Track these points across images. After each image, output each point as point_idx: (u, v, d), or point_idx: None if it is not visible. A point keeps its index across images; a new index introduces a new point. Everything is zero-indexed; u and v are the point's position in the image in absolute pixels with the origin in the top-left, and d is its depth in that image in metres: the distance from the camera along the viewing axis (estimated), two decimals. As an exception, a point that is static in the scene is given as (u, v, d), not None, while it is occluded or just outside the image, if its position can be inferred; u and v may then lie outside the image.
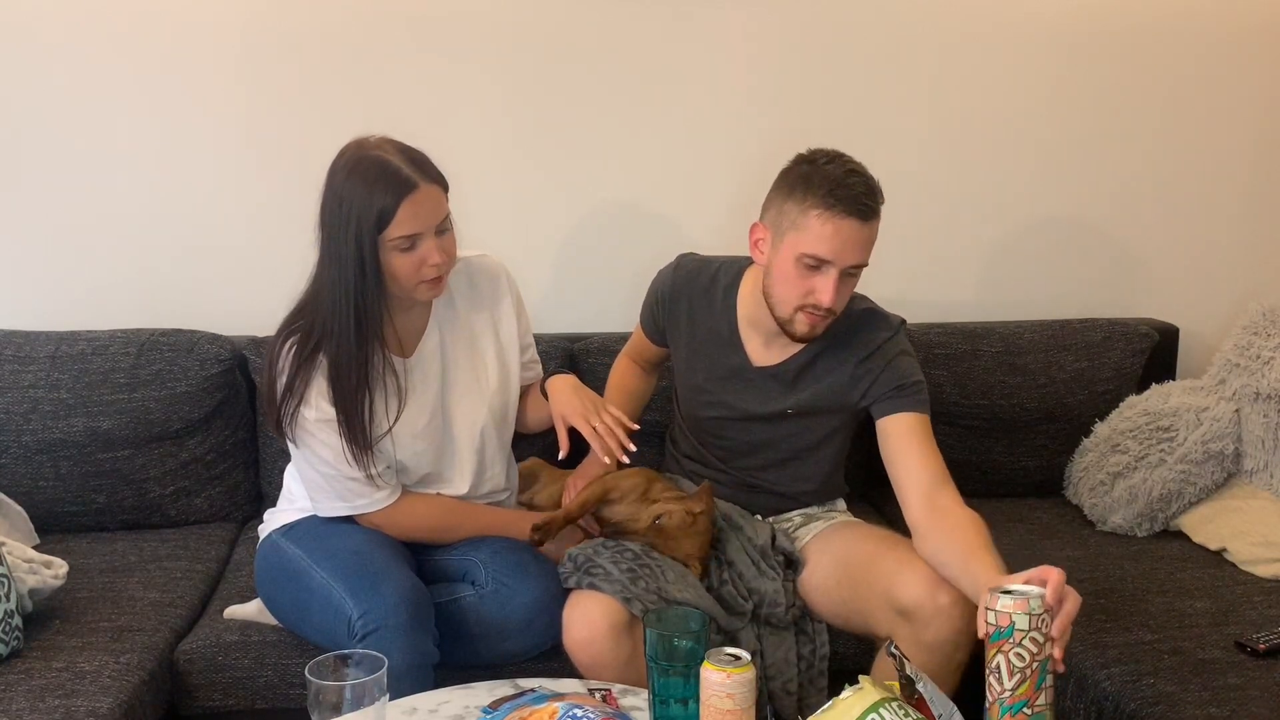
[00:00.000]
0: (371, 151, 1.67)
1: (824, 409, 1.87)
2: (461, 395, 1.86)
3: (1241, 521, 2.14)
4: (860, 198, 1.67)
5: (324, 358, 1.70)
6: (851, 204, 1.67)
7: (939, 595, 1.61)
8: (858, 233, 1.68)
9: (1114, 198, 2.63)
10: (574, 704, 1.32)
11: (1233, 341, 2.34)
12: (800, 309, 1.74)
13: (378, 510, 1.81)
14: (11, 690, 1.62)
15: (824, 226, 1.67)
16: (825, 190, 1.67)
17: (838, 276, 1.70)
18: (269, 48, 2.32)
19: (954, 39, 2.49)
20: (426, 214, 1.66)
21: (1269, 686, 1.66)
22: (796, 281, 1.72)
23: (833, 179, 1.68)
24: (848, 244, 1.68)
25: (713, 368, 1.92)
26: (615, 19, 2.39)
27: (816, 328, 1.76)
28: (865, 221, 1.68)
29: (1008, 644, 1.24)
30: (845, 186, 1.67)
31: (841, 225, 1.67)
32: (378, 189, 1.63)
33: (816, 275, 1.71)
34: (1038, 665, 1.23)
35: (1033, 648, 1.23)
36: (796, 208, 1.70)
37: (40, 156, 2.31)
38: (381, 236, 1.64)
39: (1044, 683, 1.22)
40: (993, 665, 1.25)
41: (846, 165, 1.71)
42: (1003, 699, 1.23)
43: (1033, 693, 1.22)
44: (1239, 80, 2.60)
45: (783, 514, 1.98)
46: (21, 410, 2.14)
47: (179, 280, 2.39)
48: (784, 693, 1.79)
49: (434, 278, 1.70)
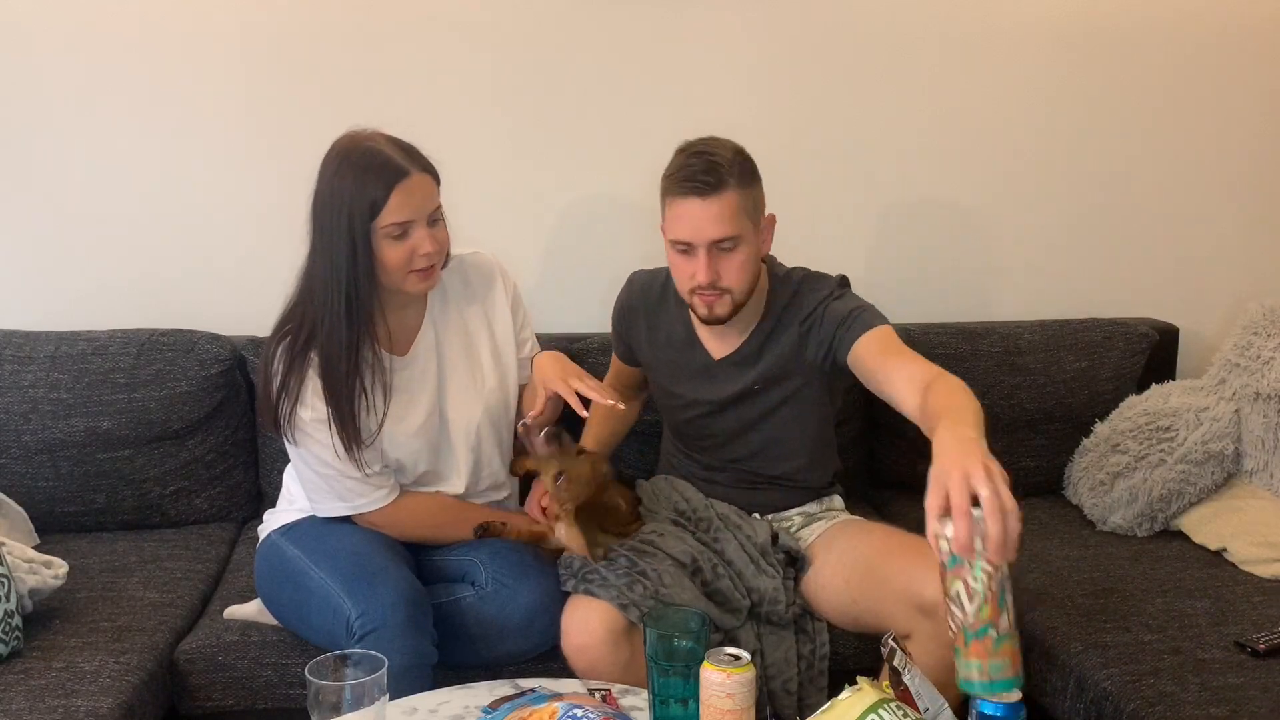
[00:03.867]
0: (363, 142, 1.69)
1: (785, 374, 1.88)
2: (457, 393, 1.86)
3: (1241, 521, 2.14)
4: (697, 175, 1.71)
5: (316, 355, 1.71)
6: (690, 184, 1.72)
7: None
8: (703, 210, 1.72)
9: (1114, 198, 2.63)
10: (574, 704, 1.32)
11: (1233, 341, 2.34)
12: (692, 292, 1.79)
13: (376, 509, 1.82)
14: (11, 690, 1.62)
15: (675, 211, 1.75)
16: (671, 179, 1.75)
17: (706, 254, 1.74)
18: (268, 48, 2.32)
19: (953, 38, 2.49)
20: (418, 202, 1.67)
21: (1269, 686, 1.66)
22: (681, 267, 1.79)
23: (678, 165, 1.75)
24: (699, 222, 1.72)
25: (679, 370, 1.94)
26: (614, 18, 2.39)
27: (714, 307, 1.79)
28: (706, 198, 1.72)
29: (964, 569, 1.19)
30: (685, 169, 1.73)
31: (687, 206, 1.73)
32: (369, 177, 1.64)
33: (690, 258, 1.76)
34: (998, 586, 1.18)
35: (990, 568, 1.18)
36: (663, 200, 1.78)
37: (40, 157, 2.31)
38: (374, 224, 1.65)
39: (1005, 603, 1.18)
40: (952, 594, 1.21)
41: (695, 149, 1.76)
42: (966, 625, 1.19)
43: (996, 614, 1.18)
44: (1239, 80, 2.60)
45: (782, 513, 1.98)
46: (21, 410, 2.14)
47: (179, 280, 2.39)
48: (784, 692, 1.79)
49: (425, 268, 1.71)
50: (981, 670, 1.18)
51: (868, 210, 2.56)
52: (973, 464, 1.22)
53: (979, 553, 1.18)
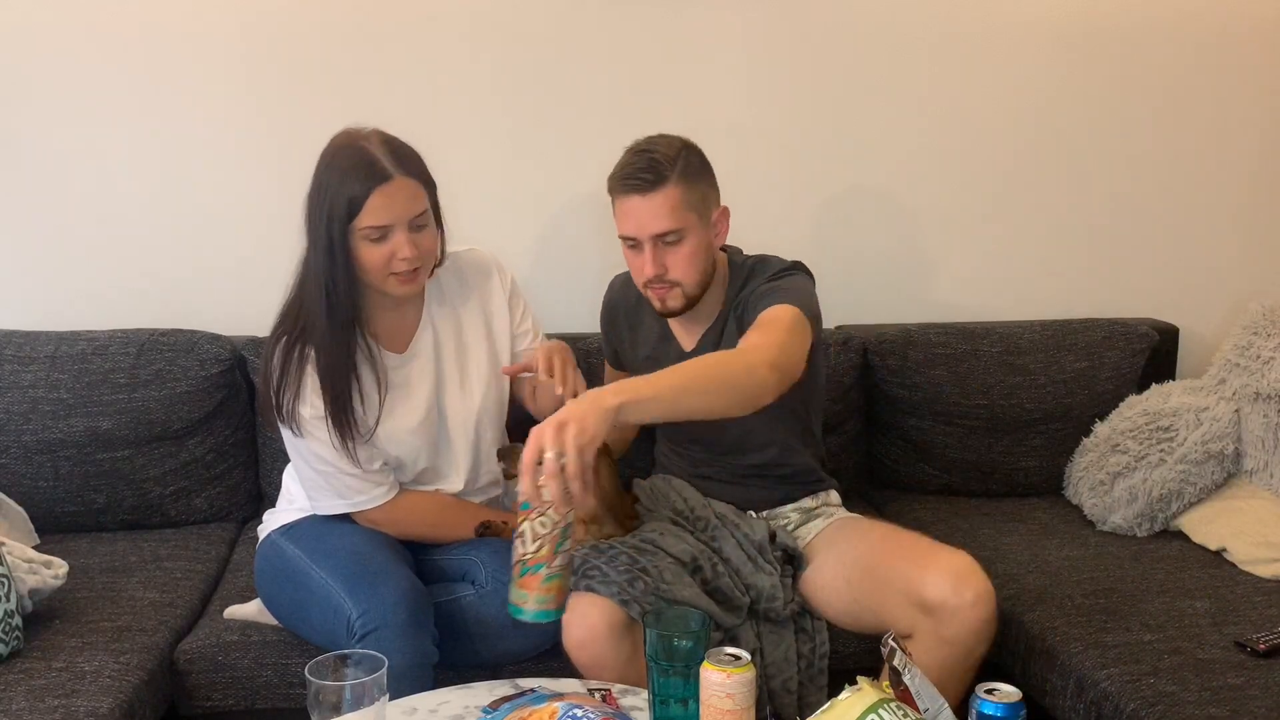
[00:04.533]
0: (356, 141, 1.69)
1: None
2: (455, 391, 1.86)
3: (1241, 521, 2.14)
4: (637, 173, 1.76)
5: (312, 350, 1.71)
6: (629, 182, 1.76)
7: (964, 590, 1.63)
8: (643, 205, 1.76)
9: (1114, 198, 2.63)
10: (574, 704, 1.32)
11: (1233, 341, 2.34)
12: (645, 286, 1.84)
13: (376, 507, 1.82)
14: (11, 690, 1.62)
15: (620, 208, 1.80)
16: (614, 178, 1.80)
17: (651, 248, 1.78)
18: (267, 49, 2.32)
19: (953, 39, 2.49)
20: (398, 206, 1.67)
21: (1269, 686, 1.66)
22: (632, 262, 1.84)
23: (621, 164, 1.79)
24: (641, 218, 1.76)
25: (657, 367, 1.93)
26: (614, 18, 2.39)
27: (667, 300, 1.83)
28: (646, 194, 1.75)
29: (534, 513, 1.38)
30: (626, 167, 1.78)
31: (627, 204, 1.77)
32: (350, 177, 1.65)
33: (638, 253, 1.81)
34: (558, 532, 1.38)
35: (555, 516, 1.38)
36: (611, 199, 1.82)
37: (40, 157, 2.31)
38: (352, 225, 1.66)
39: (562, 547, 1.39)
40: (520, 530, 1.40)
41: (639, 147, 1.80)
42: (524, 559, 1.39)
43: (550, 556, 1.39)
44: (1239, 80, 2.60)
45: (777, 509, 1.98)
46: (21, 410, 2.14)
47: (179, 280, 2.39)
48: (784, 691, 1.79)
49: (404, 271, 1.70)
50: (527, 600, 1.41)
51: (867, 210, 2.56)
52: (551, 425, 1.37)
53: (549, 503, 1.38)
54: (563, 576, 1.42)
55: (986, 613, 1.64)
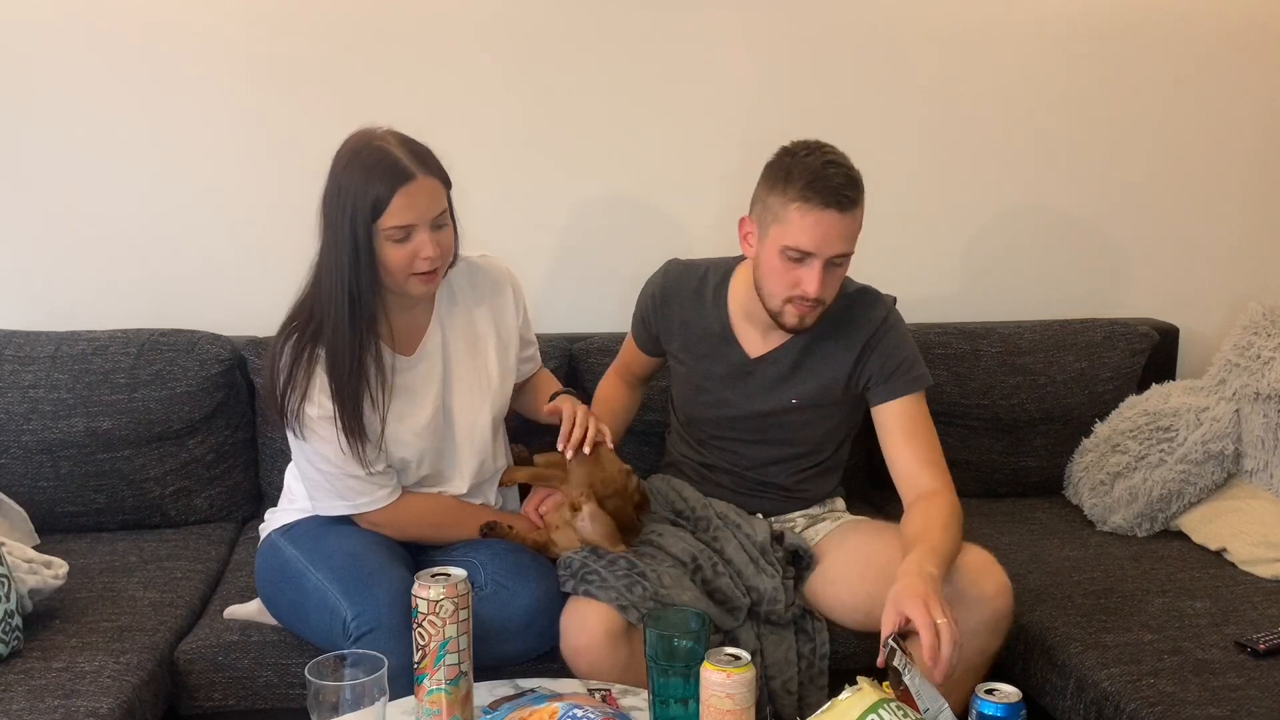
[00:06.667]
0: (374, 141, 1.68)
1: (828, 399, 1.89)
2: (463, 394, 1.86)
3: (1241, 521, 2.14)
4: (839, 189, 1.68)
5: (323, 351, 1.71)
6: (830, 195, 1.68)
7: (985, 583, 1.65)
8: (838, 224, 1.69)
9: (1114, 197, 2.63)
10: (574, 704, 1.32)
11: (1233, 341, 2.34)
12: (788, 301, 1.76)
13: (378, 509, 1.81)
14: (11, 690, 1.62)
15: (804, 219, 1.69)
16: (804, 183, 1.68)
17: (822, 267, 1.71)
18: (269, 48, 2.32)
19: (953, 37, 2.49)
20: (422, 206, 1.66)
21: (1269, 686, 1.66)
22: (782, 274, 1.74)
23: (811, 171, 1.69)
24: (829, 235, 1.69)
25: (711, 368, 1.92)
26: (621, 18, 2.39)
27: (805, 319, 1.78)
28: (844, 212, 1.69)
29: (414, 621, 1.39)
30: (823, 178, 1.68)
31: (821, 217, 1.68)
32: (374, 177, 1.64)
33: (801, 267, 1.72)
34: (436, 645, 1.38)
35: (430, 629, 1.37)
36: (778, 201, 1.72)
37: (40, 157, 2.31)
38: (376, 225, 1.65)
39: (441, 661, 1.38)
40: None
41: (825, 156, 1.72)
42: (415, 665, 1.41)
43: (431, 668, 1.38)
44: (1239, 80, 2.60)
45: (785, 515, 1.98)
46: (21, 410, 2.14)
47: (179, 280, 2.39)
48: (784, 691, 1.79)
49: (426, 271, 1.70)
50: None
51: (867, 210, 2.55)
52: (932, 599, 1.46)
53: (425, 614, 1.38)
54: (444, 689, 1.39)
55: (1005, 605, 1.66)
